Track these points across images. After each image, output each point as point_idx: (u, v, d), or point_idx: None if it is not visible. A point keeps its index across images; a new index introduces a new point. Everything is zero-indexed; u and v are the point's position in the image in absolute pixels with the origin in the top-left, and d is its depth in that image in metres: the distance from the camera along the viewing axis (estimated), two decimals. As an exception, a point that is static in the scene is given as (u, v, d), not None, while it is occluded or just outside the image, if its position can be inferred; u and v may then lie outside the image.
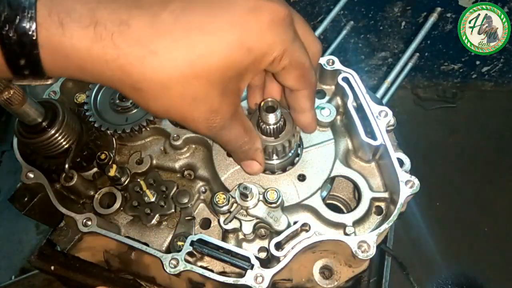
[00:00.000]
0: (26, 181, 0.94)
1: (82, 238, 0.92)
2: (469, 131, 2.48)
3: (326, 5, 2.14)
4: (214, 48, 0.61)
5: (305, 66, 0.73)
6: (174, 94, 0.63)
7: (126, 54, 0.58)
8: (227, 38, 0.61)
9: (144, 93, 0.62)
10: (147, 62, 0.59)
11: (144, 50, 0.58)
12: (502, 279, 2.09)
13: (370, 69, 2.56)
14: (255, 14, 0.63)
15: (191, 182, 0.99)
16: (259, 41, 0.63)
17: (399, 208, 0.84)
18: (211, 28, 0.61)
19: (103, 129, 0.97)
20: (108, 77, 0.60)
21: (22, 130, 0.90)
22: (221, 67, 0.62)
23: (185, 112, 0.67)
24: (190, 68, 0.61)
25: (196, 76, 0.62)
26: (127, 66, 0.59)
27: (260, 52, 0.64)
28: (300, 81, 0.75)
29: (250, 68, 0.66)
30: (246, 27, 0.62)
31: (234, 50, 0.62)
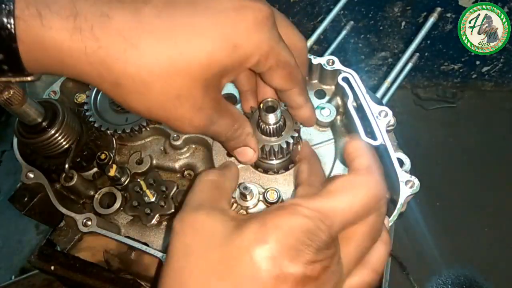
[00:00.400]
0: (26, 181, 0.94)
1: (82, 238, 0.92)
2: (469, 131, 2.48)
3: (326, 5, 2.14)
4: (198, 44, 0.60)
5: (291, 65, 0.71)
6: (156, 91, 0.61)
7: (107, 47, 0.56)
8: (211, 35, 0.60)
9: (125, 90, 0.60)
10: (128, 55, 0.57)
11: (125, 43, 0.56)
12: (502, 279, 2.09)
13: (370, 69, 2.56)
14: (241, 13, 0.62)
15: (191, 182, 0.99)
16: (245, 39, 0.62)
17: (399, 208, 0.84)
18: (195, 24, 0.59)
19: (103, 129, 0.97)
20: (88, 71, 0.58)
21: (22, 130, 0.90)
22: (204, 64, 0.61)
23: (168, 110, 0.64)
24: (173, 64, 0.59)
25: (178, 73, 0.60)
26: (107, 60, 0.57)
27: (246, 50, 0.63)
28: (287, 80, 0.74)
29: (234, 66, 0.65)
30: (231, 24, 0.61)
31: (219, 47, 0.61)
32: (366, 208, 0.61)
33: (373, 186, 0.62)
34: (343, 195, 0.60)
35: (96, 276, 0.95)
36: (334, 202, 0.59)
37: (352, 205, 0.59)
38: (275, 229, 0.55)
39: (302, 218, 0.56)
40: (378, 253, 0.69)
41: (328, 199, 0.59)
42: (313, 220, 0.56)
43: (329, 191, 0.61)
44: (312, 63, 1.00)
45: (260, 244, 0.54)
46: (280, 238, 0.54)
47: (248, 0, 0.63)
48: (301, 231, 0.55)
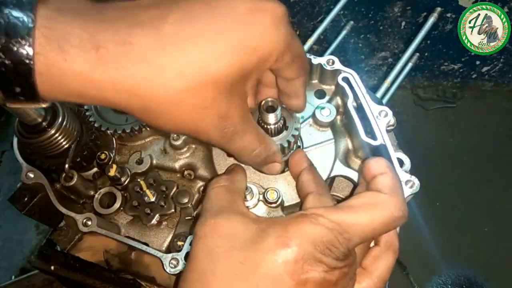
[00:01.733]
0: (26, 181, 0.94)
1: (82, 238, 0.92)
2: (469, 131, 2.48)
3: (326, 5, 2.14)
4: (220, 53, 0.60)
5: (303, 57, 0.73)
6: (185, 107, 0.61)
7: (132, 74, 0.56)
8: (231, 41, 0.60)
9: (154, 112, 0.61)
10: (155, 79, 0.57)
11: (150, 67, 0.57)
12: (502, 279, 2.09)
13: (370, 69, 2.56)
14: (256, 15, 0.62)
15: (191, 182, 0.99)
16: (263, 40, 0.63)
17: (399, 208, 0.85)
18: (215, 34, 0.60)
19: (103, 129, 0.97)
20: (114, 99, 0.59)
21: (22, 130, 0.90)
22: (228, 71, 0.61)
23: (196, 123, 0.65)
24: (198, 78, 0.59)
25: (203, 85, 0.60)
26: (133, 86, 0.57)
27: (265, 51, 0.64)
28: (299, 70, 0.74)
29: (254, 69, 0.65)
30: (248, 28, 0.62)
31: (240, 52, 0.61)
32: (385, 227, 0.63)
33: (395, 206, 0.64)
34: (365, 212, 0.62)
35: (96, 276, 0.95)
36: (355, 218, 0.61)
37: (372, 223, 0.62)
38: (298, 235, 0.58)
39: (323, 229, 0.59)
40: (386, 262, 0.72)
41: (349, 213, 0.62)
42: (333, 232, 0.59)
43: (351, 206, 0.63)
44: (312, 63, 1.00)
45: (283, 248, 0.57)
46: (302, 244, 0.57)
47: (261, 1, 0.64)
48: (321, 241, 0.58)
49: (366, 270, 0.72)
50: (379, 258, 0.72)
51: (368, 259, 0.73)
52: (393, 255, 0.73)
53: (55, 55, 0.54)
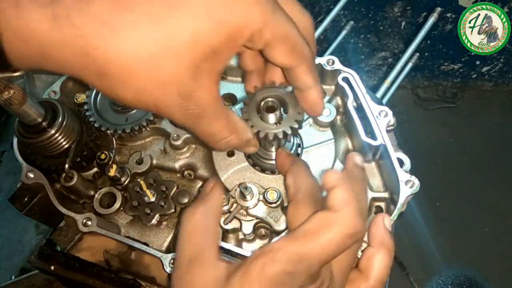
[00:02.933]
0: (26, 181, 0.94)
1: (82, 238, 0.92)
2: (469, 131, 2.48)
3: (326, 5, 2.14)
4: (181, 23, 0.55)
5: (293, 38, 0.64)
6: (143, 77, 0.57)
7: (86, 34, 0.52)
8: (194, 11, 0.55)
9: (110, 79, 0.57)
10: (109, 41, 0.53)
11: (104, 28, 0.52)
12: (502, 279, 2.09)
13: (370, 69, 2.56)
14: None
15: (191, 182, 0.99)
16: (232, 12, 0.56)
17: (399, 208, 0.84)
18: (177, 1, 0.55)
19: (103, 129, 0.97)
20: (71, 64, 0.55)
21: (22, 130, 0.90)
22: (190, 44, 0.56)
23: (156, 98, 0.60)
24: (157, 47, 0.55)
25: (164, 56, 0.56)
26: (88, 49, 0.53)
27: (234, 25, 0.57)
28: (291, 56, 0.66)
29: (224, 45, 0.58)
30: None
31: (203, 24, 0.56)
32: (342, 245, 0.61)
33: (348, 222, 0.61)
34: (319, 236, 0.61)
35: (96, 276, 0.95)
36: (311, 244, 0.60)
37: (329, 245, 0.60)
38: (258, 276, 0.59)
39: (281, 264, 0.59)
40: (381, 262, 0.71)
41: (305, 242, 0.61)
42: (292, 263, 0.59)
43: (306, 232, 0.62)
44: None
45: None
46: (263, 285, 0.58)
47: None
48: (282, 275, 0.59)
49: (362, 272, 0.71)
50: (373, 258, 0.71)
51: (363, 261, 0.72)
52: (387, 253, 0.72)
53: (13, 10, 0.50)
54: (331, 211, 0.63)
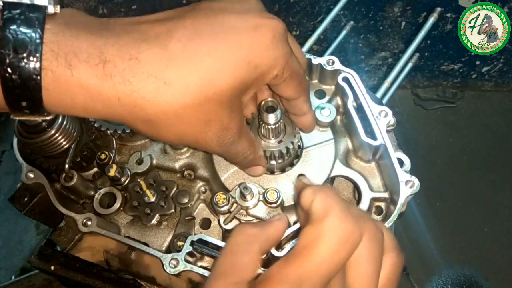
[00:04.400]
0: (26, 181, 0.94)
1: (82, 238, 0.92)
2: (469, 131, 2.48)
3: (326, 5, 2.14)
4: (223, 70, 0.62)
5: (301, 74, 0.75)
6: (189, 121, 0.63)
7: (139, 89, 0.58)
8: (234, 59, 0.63)
9: (157, 125, 0.63)
10: (160, 94, 0.59)
11: (157, 82, 0.58)
12: (502, 279, 2.09)
13: (370, 69, 2.56)
14: (258, 32, 0.65)
15: (191, 182, 0.99)
16: (264, 57, 0.65)
17: (399, 208, 0.85)
18: (219, 51, 0.62)
19: (103, 129, 0.97)
20: (119, 113, 0.60)
21: (22, 130, 0.90)
22: (231, 87, 0.64)
23: (198, 135, 0.67)
24: (203, 93, 0.61)
25: (207, 100, 0.62)
26: (140, 101, 0.59)
27: (266, 67, 0.66)
28: (297, 89, 0.77)
29: (254, 84, 0.68)
30: (251, 45, 0.64)
31: (242, 69, 0.64)
32: (339, 255, 0.58)
33: (335, 228, 0.58)
34: (312, 253, 0.57)
35: (96, 276, 0.95)
36: (306, 263, 0.57)
37: (323, 259, 0.57)
38: None
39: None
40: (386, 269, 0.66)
41: (299, 261, 0.57)
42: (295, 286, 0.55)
43: (298, 252, 0.58)
44: (312, 63, 1.00)
45: None
46: None
47: (263, 18, 0.66)
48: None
49: None
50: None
51: None
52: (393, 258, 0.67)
53: (63, 69, 0.55)
54: (315, 223, 0.59)
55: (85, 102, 0.58)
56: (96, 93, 0.57)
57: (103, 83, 0.56)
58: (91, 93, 0.57)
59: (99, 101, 0.58)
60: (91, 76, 0.56)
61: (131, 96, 0.58)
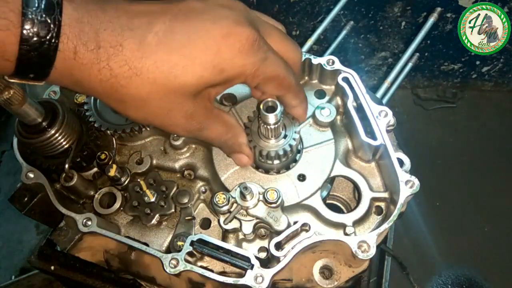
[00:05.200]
0: (26, 181, 0.94)
1: (82, 238, 0.92)
2: (469, 131, 2.48)
3: (326, 5, 2.13)
4: (189, 69, 0.69)
5: (280, 76, 0.79)
6: (153, 106, 0.72)
7: (117, 75, 0.66)
8: (201, 60, 0.69)
9: (127, 105, 0.72)
10: (132, 81, 0.67)
11: (130, 71, 0.67)
12: (502, 279, 2.09)
13: (370, 69, 2.56)
14: (227, 40, 0.70)
15: (191, 182, 0.99)
16: (230, 64, 0.71)
17: (399, 208, 0.85)
18: (189, 51, 0.69)
19: (103, 129, 0.97)
20: (98, 91, 0.69)
21: (22, 130, 0.90)
22: (194, 85, 0.71)
23: (162, 120, 0.75)
24: (168, 85, 0.69)
25: (173, 91, 0.70)
26: (115, 85, 0.67)
27: (232, 73, 0.72)
28: (280, 88, 0.82)
29: (221, 83, 0.75)
30: (219, 51, 0.70)
31: (207, 71, 0.70)
32: None
33: None
34: None
35: (96, 276, 0.95)
36: None
37: None
38: None
39: None
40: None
41: None
42: None
43: None
44: (312, 63, 1.00)
45: None
46: None
47: (236, 27, 0.71)
48: None
49: None
50: None
51: None
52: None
53: (70, 52, 0.63)
54: None
55: (77, 79, 0.66)
56: (86, 74, 0.65)
57: (93, 66, 0.65)
58: (83, 73, 0.65)
59: (87, 80, 0.66)
60: (88, 60, 0.64)
61: (110, 81, 0.67)
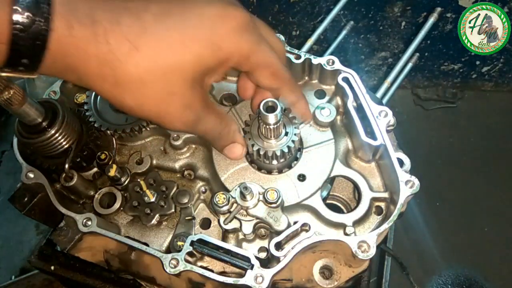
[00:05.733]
0: (26, 181, 0.94)
1: (82, 238, 0.92)
2: (469, 131, 2.47)
3: (326, 5, 2.13)
4: (189, 45, 0.69)
5: (274, 65, 0.80)
6: (152, 87, 0.69)
7: (114, 49, 0.63)
8: (199, 37, 0.70)
9: (122, 88, 0.67)
10: (132, 56, 0.65)
11: (129, 45, 0.64)
12: (502, 279, 2.09)
13: (370, 69, 2.55)
14: (224, 19, 0.72)
15: (191, 182, 0.99)
16: (227, 41, 0.72)
17: (399, 208, 0.85)
18: (185, 29, 0.69)
19: (103, 129, 0.97)
20: (93, 75, 0.65)
21: (22, 130, 0.90)
22: (193, 63, 0.70)
23: (160, 107, 0.72)
24: (167, 63, 0.68)
25: (172, 71, 0.69)
26: (113, 61, 0.64)
27: (228, 50, 0.73)
28: (273, 79, 0.82)
29: (217, 65, 0.74)
30: (215, 29, 0.71)
31: (206, 48, 0.70)
32: None
33: None
34: None
35: (96, 276, 0.95)
36: None
37: None
38: None
39: None
40: None
41: None
42: None
43: None
44: (312, 63, 1.00)
45: None
46: None
47: (229, 8, 0.73)
48: None
49: None
50: None
51: None
52: None
53: (63, 30, 0.60)
54: None
55: (72, 62, 0.63)
56: (82, 51, 0.62)
57: (90, 42, 0.62)
58: (79, 51, 0.62)
59: (82, 60, 0.63)
60: (83, 36, 0.61)
61: (107, 56, 0.63)
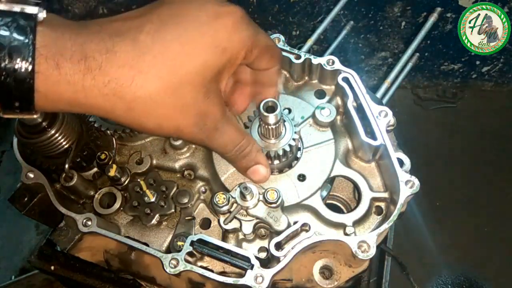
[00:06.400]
0: (26, 181, 0.94)
1: (82, 238, 0.92)
2: (469, 131, 2.47)
3: (326, 5, 2.13)
4: (192, 53, 0.68)
5: (272, 47, 0.82)
6: (165, 105, 0.68)
7: (116, 78, 0.63)
8: (201, 44, 0.69)
9: (136, 112, 0.67)
10: (135, 81, 0.64)
11: (132, 71, 0.64)
12: (502, 279, 2.09)
13: (370, 69, 2.55)
14: (219, 20, 0.71)
15: (191, 182, 0.99)
16: (230, 40, 0.71)
17: (399, 208, 0.85)
18: (184, 38, 0.68)
19: (103, 129, 0.97)
20: (100, 104, 0.64)
21: (22, 130, 0.90)
22: (201, 70, 0.69)
23: (177, 121, 0.72)
24: (175, 77, 0.67)
25: (181, 84, 0.68)
26: (118, 89, 0.63)
27: (233, 50, 0.72)
28: (272, 60, 0.83)
29: (226, 66, 0.73)
30: (215, 32, 0.70)
31: (211, 53, 0.70)
32: None
33: None
34: None
35: (96, 276, 0.95)
36: None
37: None
38: None
39: None
40: None
41: None
42: None
43: None
44: (312, 63, 1.00)
45: None
46: None
47: (222, 7, 0.72)
48: None
49: None
50: None
51: None
52: None
53: (52, 70, 0.59)
54: None
55: (71, 96, 0.62)
56: (79, 86, 0.61)
57: (85, 76, 0.61)
58: (75, 87, 0.61)
59: (82, 94, 0.62)
60: (75, 72, 0.60)
61: (109, 85, 0.62)
